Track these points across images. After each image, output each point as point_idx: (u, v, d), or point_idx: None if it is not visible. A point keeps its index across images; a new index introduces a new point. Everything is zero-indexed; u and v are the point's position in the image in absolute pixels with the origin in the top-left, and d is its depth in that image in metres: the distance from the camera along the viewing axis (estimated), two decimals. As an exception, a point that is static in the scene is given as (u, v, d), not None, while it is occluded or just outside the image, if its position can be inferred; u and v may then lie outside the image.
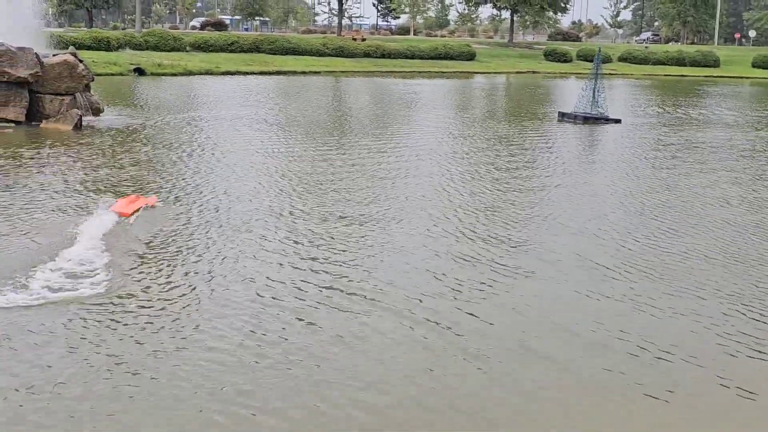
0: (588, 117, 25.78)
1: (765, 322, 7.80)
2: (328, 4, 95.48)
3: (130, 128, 20.56)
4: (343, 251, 9.65)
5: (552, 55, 70.68)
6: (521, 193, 13.75)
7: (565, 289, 8.59)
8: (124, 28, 76.77)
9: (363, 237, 10.39)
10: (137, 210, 11.11)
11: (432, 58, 64.37)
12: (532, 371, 6.52)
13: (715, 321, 7.75)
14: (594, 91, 26.13)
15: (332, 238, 10.25)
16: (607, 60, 69.79)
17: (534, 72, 63.59)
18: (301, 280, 8.49)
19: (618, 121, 25.92)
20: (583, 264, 9.56)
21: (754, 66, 71.34)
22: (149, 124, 21.49)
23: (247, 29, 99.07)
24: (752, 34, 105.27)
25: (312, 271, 8.83)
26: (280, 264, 9.06)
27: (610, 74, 64.67)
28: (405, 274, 8.87)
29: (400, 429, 5.60)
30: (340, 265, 9.07)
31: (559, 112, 27.71)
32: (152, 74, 43.28)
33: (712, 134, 24.01)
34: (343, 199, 12.64)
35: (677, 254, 10.09)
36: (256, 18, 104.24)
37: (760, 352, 7.07)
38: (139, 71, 43.31)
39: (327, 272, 8.79)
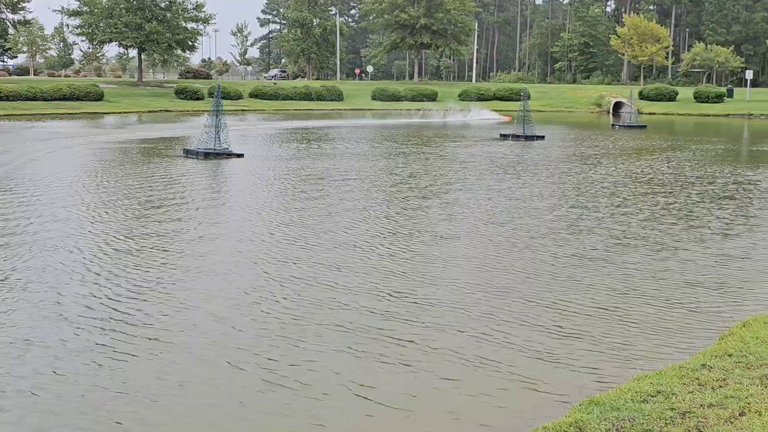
0: (210, 153, 25.97)
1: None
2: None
3: None
4: None
5: (183, 93, 70.30)
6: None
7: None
8: None
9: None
10: None
11: (56, 99, 60.81)
12: None
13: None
14: (216, 128, 26.35)
15: None
16: (238, 96, 71.26)
17: (166, 111, 62.77)
18: None
19: (241, 155, 26.42)
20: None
21: (373, 99, 77.15)
22: None
23: None
24: (370, 69, 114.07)
25: None
26: None
27: (242, 110, 66.12)
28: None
29: None
30: None
31: (184, 149, 27.63)
32: None
33: (325, 164, 25.30)
34: None
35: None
36: None
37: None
38: None
39: None
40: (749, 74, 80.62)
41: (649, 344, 8.14)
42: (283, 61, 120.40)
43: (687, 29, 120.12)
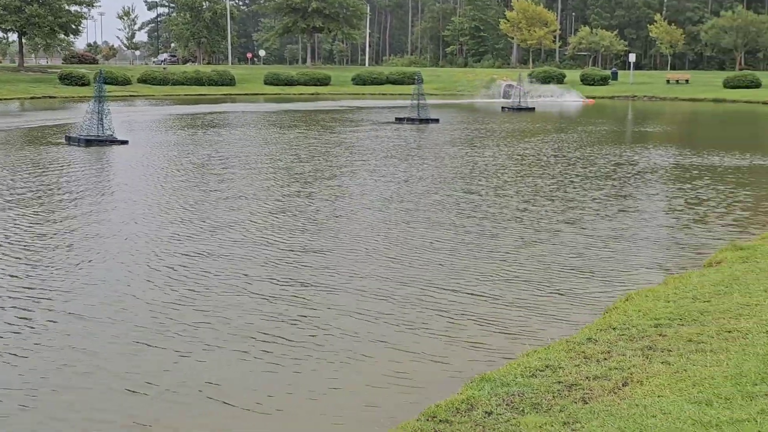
0: (92, 139, 25.13)
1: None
2: None
3: None
4: None
5: (68, 79, 67.74)
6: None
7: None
8: None
9: None
10: None
11: (-73, 86, 57.67)
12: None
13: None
14: (99, 114, 25.49)
15: None
16: (126, 82, 69.20)
17: (50, 97, 60.38)
18: None
19: (125, 142, 25.72)
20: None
21: (265, 83, 76.21)
22: None
23: None
24: (262, 53, 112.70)
25: None
26: None
27: (131, 96, 64.25)
28: None
29: None
30: None
31: (66, 136, 26.63)
32: None
33: (208, 151, 24.82)
34: None
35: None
36: None
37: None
38: None
39: None
40: (632, 57, 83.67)
41: (536, 322, 8.29)
42: (172, 45, 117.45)
43: (573, 13, 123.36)
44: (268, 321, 8.29)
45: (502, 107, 51.93)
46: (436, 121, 37.43)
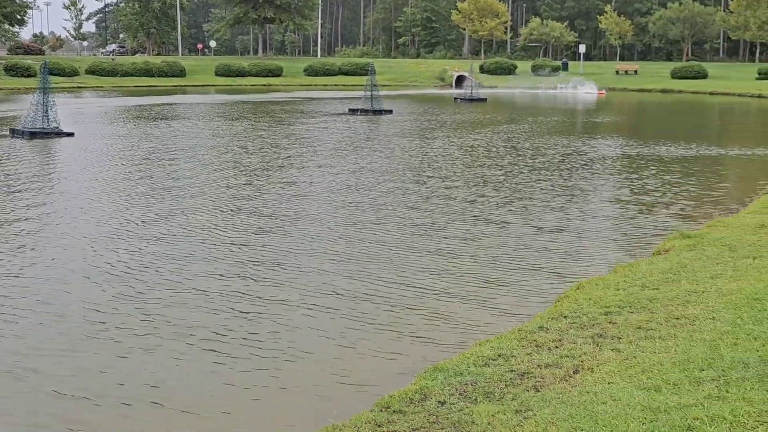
0: (36, 132, 24.66)
1: None
2: None
3: None
4: None
5: (13, 70, 66.31)
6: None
7: None
8: None
9: None
10: None
11: None
12: None
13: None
14: (44, 106, 25.00)
15: None
16: (74, 73, 67.95)
17: (-2, 89, 59.07)
18: None
19: (71, 134, 25.30)
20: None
21: (217, 74, 75.44)
22: None
23: None
24: (213, 44, 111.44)
25: None
26: None
27: (78, 87, 63.12)
28: None
29: None
30: None
31: (10, 129, 26.14)
32: None
33: (154, 144, 24.51)
34: None
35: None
36: None
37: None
38: None
39: None
40: (582, 48, 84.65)
41: (486, 314, 8.33)
42: (121, 36, 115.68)
43: (524, 4, 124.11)
44: (210, 318, 8.13)
45: (455, 97, 52.15)
46: (390, 112, 37.46)
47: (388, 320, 8.06)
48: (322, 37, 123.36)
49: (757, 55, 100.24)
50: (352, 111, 37.79)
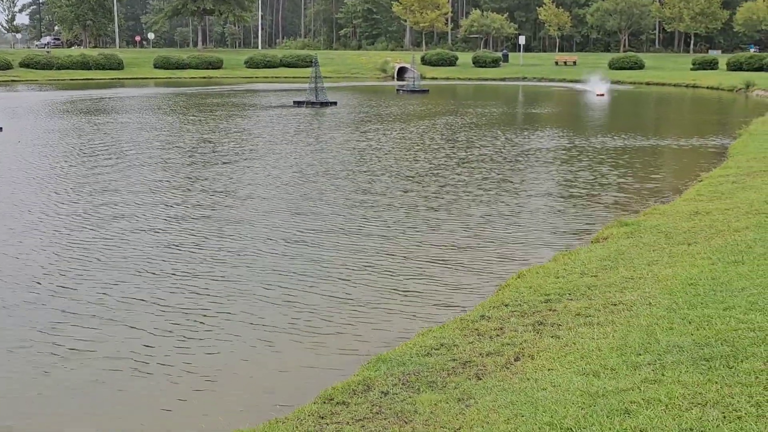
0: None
1: None
2: None
3: None
4: None
5: (-58, 63, 64.56)
6: None
7: None
8: None
9: None
10: None
11: None
12: None
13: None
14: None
15: None
16: (7, 66, 66.25)
17: None
18: None
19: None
20: None
21: (155, 67, 74.34)
22: None
23: None
24: (151, 36, 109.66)
25: None
26: None
27: (12, 81, 61.56)
28: None
29: None
30: None
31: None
32: None
33: (85, 138, 24.06)
34: None
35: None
36: None
37: None
38: None
39: None
40: (522, 40, 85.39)
41: (430, 303, 8.39)
42: (56, 28, 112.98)
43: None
44: (146, 312, 8.08)
45: (397, 89, 52.26)
46: (334, 104, 37.39)
47: (330, 314, 8.05)
48: (262, 28, 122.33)
49: (692, 45, 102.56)
50: (297, 103, 37.58)
